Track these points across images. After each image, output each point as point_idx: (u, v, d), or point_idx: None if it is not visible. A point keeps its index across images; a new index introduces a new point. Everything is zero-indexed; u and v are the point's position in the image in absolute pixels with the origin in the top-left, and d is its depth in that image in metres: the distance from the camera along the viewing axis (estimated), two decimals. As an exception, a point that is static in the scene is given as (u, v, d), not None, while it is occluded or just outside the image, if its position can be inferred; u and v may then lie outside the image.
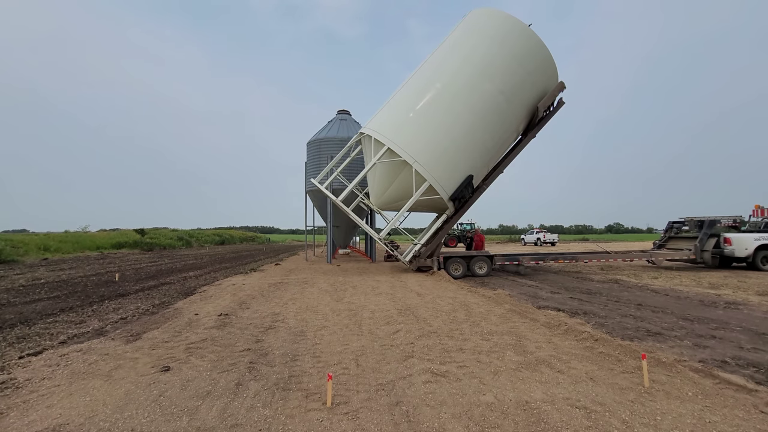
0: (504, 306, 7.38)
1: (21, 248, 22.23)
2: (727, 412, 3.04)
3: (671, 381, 3.67)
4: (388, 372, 4.00)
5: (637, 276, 12.25)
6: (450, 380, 3.77)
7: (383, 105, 13.02)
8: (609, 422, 2.91)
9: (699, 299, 8.14)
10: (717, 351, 4.69)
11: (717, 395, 3.35)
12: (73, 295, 9.36)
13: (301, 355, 4.55)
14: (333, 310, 7.20)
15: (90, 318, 6.77)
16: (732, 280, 10.81)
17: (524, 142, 13.49)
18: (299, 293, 9.19)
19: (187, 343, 5.05)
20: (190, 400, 3.34)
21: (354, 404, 3.26)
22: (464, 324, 6.01)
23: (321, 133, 19.10)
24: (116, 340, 5.21)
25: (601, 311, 7.07)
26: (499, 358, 4.40)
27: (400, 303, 7.78)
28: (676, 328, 5.83)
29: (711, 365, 4.11)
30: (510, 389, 3.53)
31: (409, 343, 5.00)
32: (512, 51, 12.23)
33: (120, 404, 3.25)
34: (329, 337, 5.33)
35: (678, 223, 15.29)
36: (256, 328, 5.87)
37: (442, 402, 3.29)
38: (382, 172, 12.20)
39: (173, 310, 7.25)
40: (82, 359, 4.40)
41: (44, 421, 2.96)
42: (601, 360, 4.31)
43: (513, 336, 5.31)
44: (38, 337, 5.54)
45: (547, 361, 4.30)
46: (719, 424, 2.85)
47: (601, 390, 3.50)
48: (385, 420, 2.99)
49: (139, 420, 2.98)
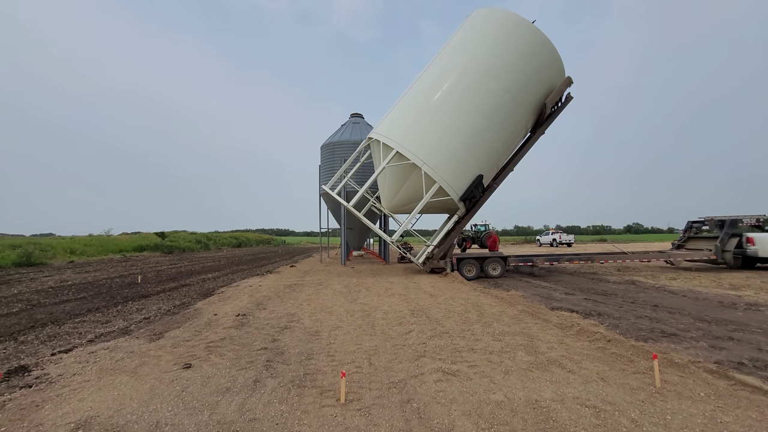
0: (517, 307, 7.38)
1: (49, 252, 23.15)
2: (740, 413, 3.03)
3: (684, 382, 3.65)
4: (400, 371, 4.10)
5: (655, 277, 12.01)
6: (461, 379, 3.84)
7: (390, 109, 13.13)
8: (618, 421, 2.94)
9: (718, 300, 7.97)
10: (734, 352, 4.62)
11: (730, 396, 3.33)
12: (99, 296, 9.76)
13: (316, 354, 4.69)
14: (347, 310, 7.33)
15: (115, 318, 7.07)
16: (755, 281, 10.51)
17: (533, 139, 13.41)
18: (314, 294, 9.36)
19: (207, 342, 5.24)
20: (210, 395, 3.50)
21: (366, 401, 3.37)
22: (476, 325, 6.06)
23: (334, 136, 19.33)
24: (140, 339, 5.45)
25: (615, 312, 7.00)
26: (510, 358, 4.44)
27: (412, 304, 7.86)
28: (692, 329, 5.74)
29: (726, 366, 4.07)
30: (520, 388, 3.58)
31: (421, 343, 5.08)
32: (517, 49, 12.18)
33: (145, 398, 3.44)
34: (343, 337, 5.46)
35: (698, 223, 14.90)
36: (272, 328, 6.04)
37: (452, 400, 3.37)
38: (392, 175, 12.31)
39: (193, 311, 7.50)
40: (109, 356, 4.64)
41: (77, 413, 3.16)
42: (613, 360, 4.31)
43: (525, 337, 5.33)
44: (68, 335, 5.84)
45: (558, 361, 4.32)
46: (731, 425, 2.85)
47: (611, 390, 3.52)
48: (397, 416, 3.09)
49: (164, 413, 3.15)
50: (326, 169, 18.94)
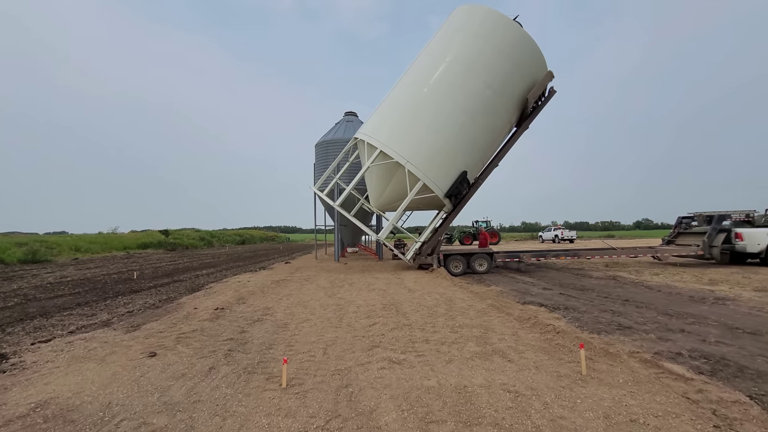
0: (486, 301, 7.58)
1: (55, 249, 23.80)
2: (648, 397, 3.23)
3: (610, 370, 3.85)
4: (350, 360, 4.34)
5: (639, 273, 12.09)
6: (403, 367, 4.08)
7: (377, 108, 13.34)
8: (530, 404, 3.15)
9: (689, 295, 8.08)
10: (678, 344, 4.79)
11: (648, 383, 3.52)
12: (93, 291, 10.15)
13: (277, 344, 4.96)
14: (322, 305, 7.60)
15: (101, 311, 7.42)
16: (736, 277, 10.55)
17: (518, 134, 13.55)
18: (297, 290, 9.65)
19: (178, 333, 5.54)
20: (165, 380, 3.78)
21: (307, 386, 3.62)
22: (441, 318, 6.28)
23: (328, 135, 19.58)
24: (117, 331, 5.77)
25: (582, 307, 7.17)
26: (458, 349, 4.66)
27: (388, 298, 8.10)
28: (650, 322, 5.90)
29: (663, 357, 4.25)
30: (455, 376, 3.81)
31: (380, 335, 5.32)
32: (497, 46, 12.28)
33: (105, 383, 3.73)
34: (309, 329, 5.72)
35: (687, 219, 14.90)
36: (245, 320, 6.33)
37: (387, 385, 3.60)
38: (378, 174, 12.54)
39: (176, 305, 7.83)
40: (84, 346, 4.95)
41: (39, 395, 3.46)
42: (555, 351, 4.51)
43: (481, 329, 5.54)
44: (52, 327, 6.19)
45: (503, 351, 4.54)
46: (634, 407, 3.05)
47: (540, 377, 3.73)
48: (329, 399, 3.33)
49: (117, 395, 3.44)
50: (320, 167, 19.20)
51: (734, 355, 4.36)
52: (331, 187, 14.06)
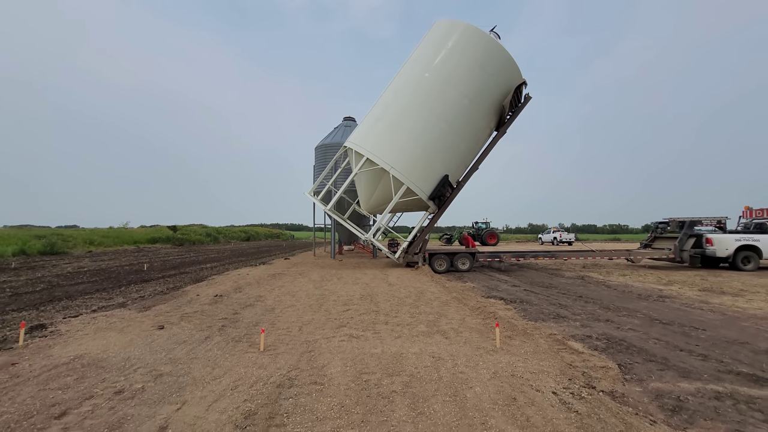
0: (452, 294, 8.57)
1: (70, 242, 25.24)
2: (536, 362, 4.20)
3: (521, 345, 4.83)
4: (318, 335, 5.37)
5: (609, 273, 12.96)
6: (360, 340, 5.09)
7: (364, 117, 14.40)
8: (444, 364, 4.15)
9: (639, 293, 8.97)
10: (594, 330, 5.72)
11: (545, 354, 4.50)
12: (108, 279, 11.33)
13: (262, 323, 6.00)
14: (308, 294, 8.65)
15: (117, 296, 8.55)
16: (695, 279, 11.38)
17: (496, 139, 14.53)
18: (289, 282, 10.72)
19: (182, 313, 6.63)
20: (170, 345, 4.85)
21: (279, 350, 4.66)
22: (406, 306, 7.28)
23: (327, 138, 20.66)
24: (132, 310, 6.88)
25: (537, 301, 8.12)
26: (410, 329, 5.66)
27: (367, 291, 9.12)
28: (585, 314, 6.83)
29: (574, 339, 5.20)
30: (398, 347, 4.81)
31: (349, 318, 6.35)
32: (473, 58, 13.30)
33: (124, 345, 4.81)
34: (291, 313, 6.77)
35: (663, 224, 15.70)
36: (239, 305, 7.40)
37: (341, 351, 4.62)
38: (367, 180, 13.60)
39: (181, 292, 8.94)
40: (105, 320, 6.06)
41: (76, 351, 4.55)
42: (487, 332, 5.49)
43: (436, 315, 6.54)
44: (78, 307, 7.32)
45: (445, 331, 5.53)
46: (519, 368, 4.03)
47: (463, 348, 4.72)
48: (294, 359, 4.36)
49: (134, 353, 4.51)
50: (319, 169, 20.27)
51: (634, 338, 5.28)
52: (326, 191, 15.12)
